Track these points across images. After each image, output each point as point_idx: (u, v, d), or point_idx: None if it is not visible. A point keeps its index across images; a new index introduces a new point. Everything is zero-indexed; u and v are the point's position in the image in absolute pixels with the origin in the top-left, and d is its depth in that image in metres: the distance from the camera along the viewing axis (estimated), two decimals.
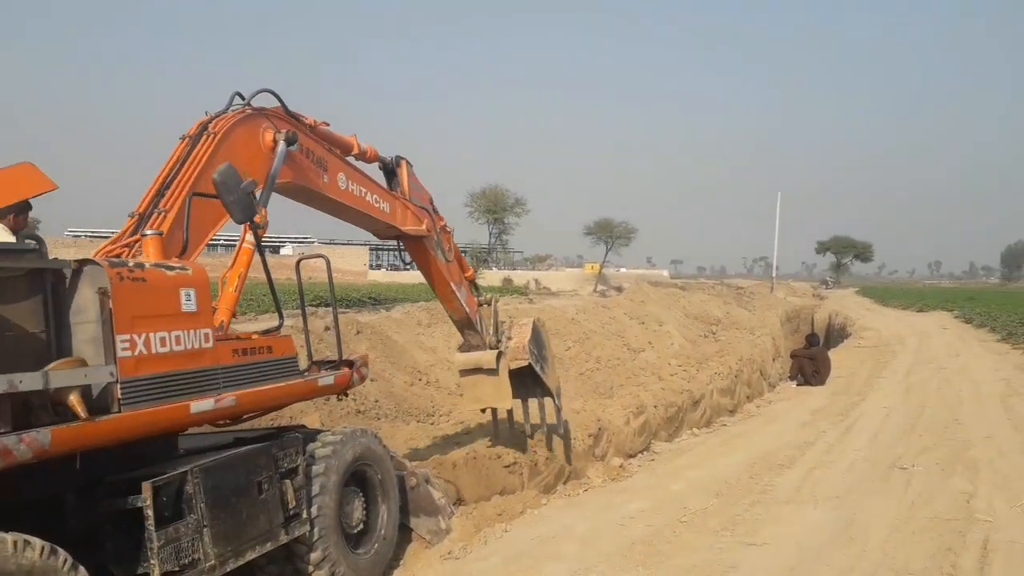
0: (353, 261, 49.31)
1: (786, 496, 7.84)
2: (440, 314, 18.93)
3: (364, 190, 7.66)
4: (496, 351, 9.58)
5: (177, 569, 4.50)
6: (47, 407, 4.03)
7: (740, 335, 25.87)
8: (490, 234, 76.86)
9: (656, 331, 24.35)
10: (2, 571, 3.64)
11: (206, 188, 5.52)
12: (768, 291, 55.37)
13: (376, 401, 12.49)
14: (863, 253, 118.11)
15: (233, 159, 5.90)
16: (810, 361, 16.40)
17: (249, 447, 5.42)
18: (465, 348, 9.77)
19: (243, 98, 6.30)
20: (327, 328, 12.55)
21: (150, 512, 4.37)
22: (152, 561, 4.37)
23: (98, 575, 4.24)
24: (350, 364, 6.91)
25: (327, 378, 6.49)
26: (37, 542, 3.84)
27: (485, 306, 9.95)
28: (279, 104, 6.57)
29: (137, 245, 5.21)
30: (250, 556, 5.13)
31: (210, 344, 5.03)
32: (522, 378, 10.01)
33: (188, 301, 4.87)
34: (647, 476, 9.14)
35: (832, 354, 19.24)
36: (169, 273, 4.84)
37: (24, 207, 6.07)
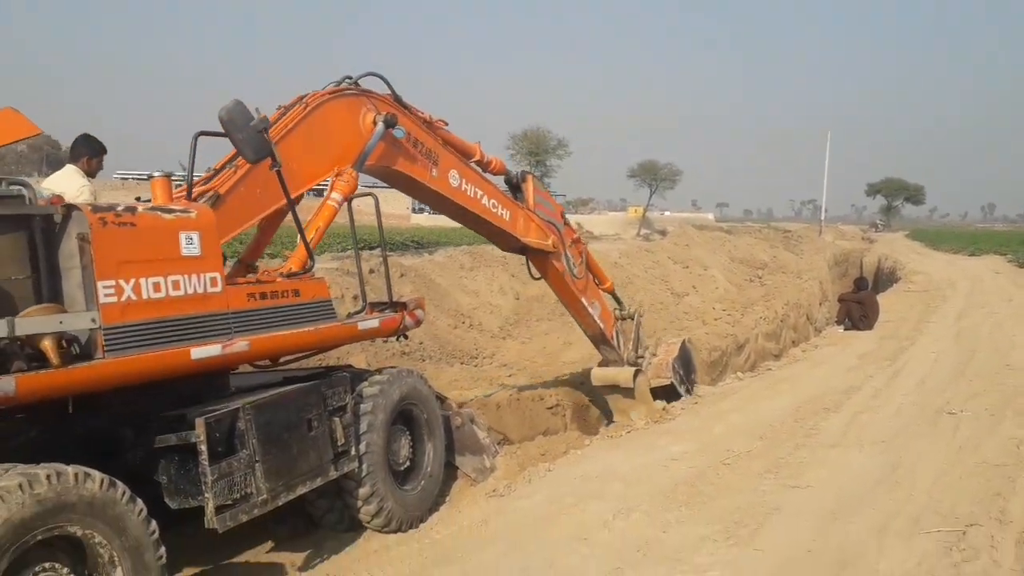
0: (396, 205, 49.05)
1: (831, 440, 7.78)
2: (483, 258, 19.01)
3: (480, 192, 7.45)
4: (635, 368, 9.29)
5: (230, 502, 4.65)
6: (18, 354, 3.93)
7: (787, 279, 25.58)
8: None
9: (700, 275, 24.18)
10: (65, 502, 3.79)
11: (286, 150, 5.50)
12: (816, 234, 54.43)
13: (420, 343, 12.65)
14: (914, 196, 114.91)
15: (326, 132, 6.00)
16: (858, 305, 16.10)
17: (299, 385, 5.52)
18: (604, 363, 9.51)
19: (351, 79, 6.34)
20: (371, 271, 12.68)
21: (204, 447, 4.49)
22: (206, 494, 4.51)
23: (154, 507, 4.37)
24: (403, 307, 6.83)
25: (370, 322, 6.43)
26: (97, 475, 3.99)
27: (628, 320, 9.63)
28: (390, 91, 6.57)
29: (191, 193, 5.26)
30: (301, 491, 5.27)
31: (218, 288, 4.89)
32: (667, 397, 9.74)
33: (190, 245, 4.73)
34: (690, 419, 9.12)
35: (881, 298, 18.88)
36: (167, 217, 4.69)
37: (98, 150, 6.15)
